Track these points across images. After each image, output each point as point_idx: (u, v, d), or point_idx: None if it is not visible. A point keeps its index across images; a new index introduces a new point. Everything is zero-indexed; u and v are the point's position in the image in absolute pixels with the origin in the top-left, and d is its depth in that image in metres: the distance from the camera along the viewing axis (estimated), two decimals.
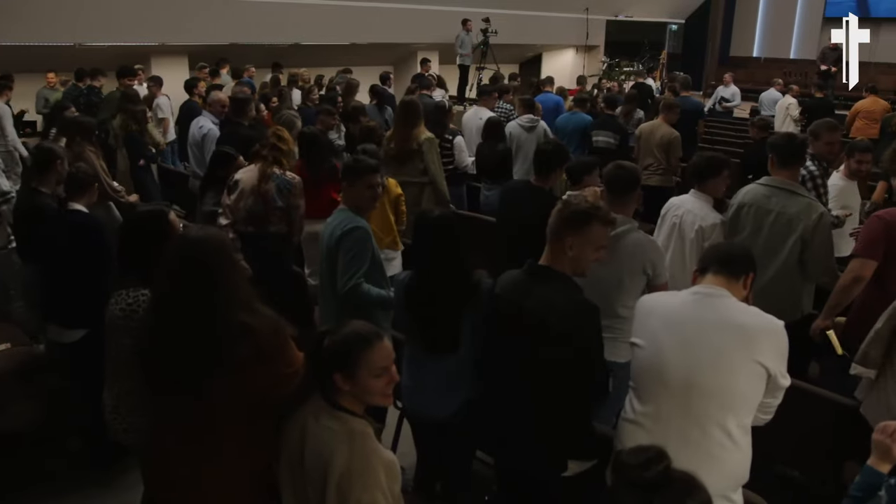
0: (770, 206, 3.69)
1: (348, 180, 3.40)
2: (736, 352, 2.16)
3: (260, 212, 4.28)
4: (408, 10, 13.58)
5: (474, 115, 7.47)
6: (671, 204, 4.05)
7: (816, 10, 19.47)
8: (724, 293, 2.25)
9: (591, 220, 2.44)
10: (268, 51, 12.32)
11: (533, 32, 16.20)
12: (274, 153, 4.34)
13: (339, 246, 3.25)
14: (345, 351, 1.98)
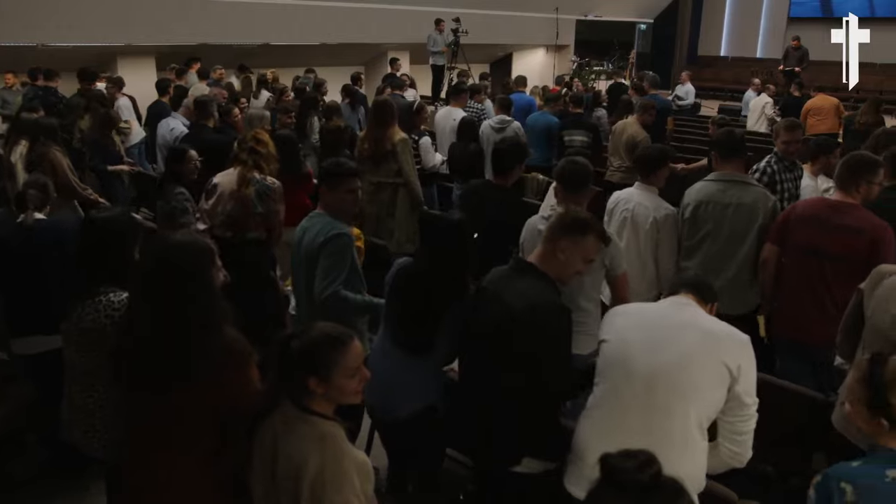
0: (727, 200, 3.80)
1: (329, 184, 3.32)
2: (702, 350, 2.19)
3: (239, 216, 4.21)
4: (378, 10, 13.55)
5: (447, 115, 7.47)
6: (618, 198, 4.15)
7: (781, 10, 19.79)
8: (695, 304, 2.35)
9: (589, 231, 2.52)
10: (237, 51, 12.21)
11: (503, 32, 16.25)
12: (253, 157, 4.25)
13: (321, 252, 3.20)
14: (318, 353, 1.96)
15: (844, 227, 3.34)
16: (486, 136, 6.73)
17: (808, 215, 3.46)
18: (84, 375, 2.52)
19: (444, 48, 13.15)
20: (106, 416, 2.48)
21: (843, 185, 3.43)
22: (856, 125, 8.63)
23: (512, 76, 14.91)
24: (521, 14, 16.31)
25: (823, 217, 3.41)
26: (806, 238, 3.43)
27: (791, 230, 3.51)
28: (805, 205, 3.58)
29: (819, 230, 3.39)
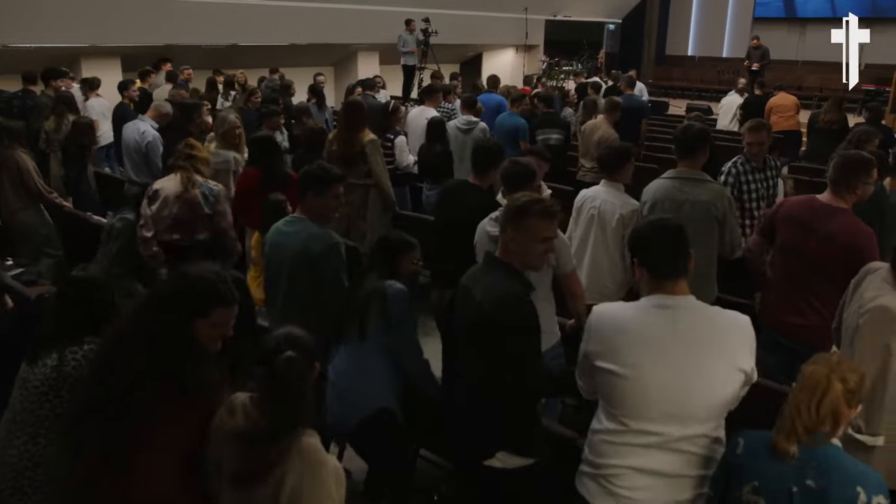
0: (682, 197, 3.85)
1: (315, 189, 3.29)
2: (716, 366, 2.10)
3: (187, 219, 4.21)
4: (348, 11, 13.48)
5: (420, 115, 7.46)
6: (584, 197, 4.21)
7: (746, 10, 20.09)
8: (684, 303, 2.17)
9: (527, 214, 2.48)
10: (205, 52, 12.07)
11: (473, 32, 16.28)
12: (192, 162, 4.30)
13: (323, 261, 3.24)
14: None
15: (827, 233, 3.31)
16: (453, 136, 6.74)
17: (793, 215, 3.48)
18: (32, 424, 2.34)
19: (415, 48, 13.13)
20: (37, 476, 2.32)
21: (836, 187, 3.36)
22: (820, 123, 8.80)
23: (482, 76, 14.96)
24: (490, 14, 16.35)
25: (807, 219, 3.41)
26: (788, 237, 3.48)
27: (777, 227, 3.56)
28: (793, 203, 3.58)
29: (801, 231, 3.41)
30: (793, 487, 1.93)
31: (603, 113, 7.30)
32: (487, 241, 3.35)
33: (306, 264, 3.25)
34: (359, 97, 7.11)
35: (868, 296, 2.67)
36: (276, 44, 12.82)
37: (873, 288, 2.68)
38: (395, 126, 6.68)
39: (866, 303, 2.65)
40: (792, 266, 3.48)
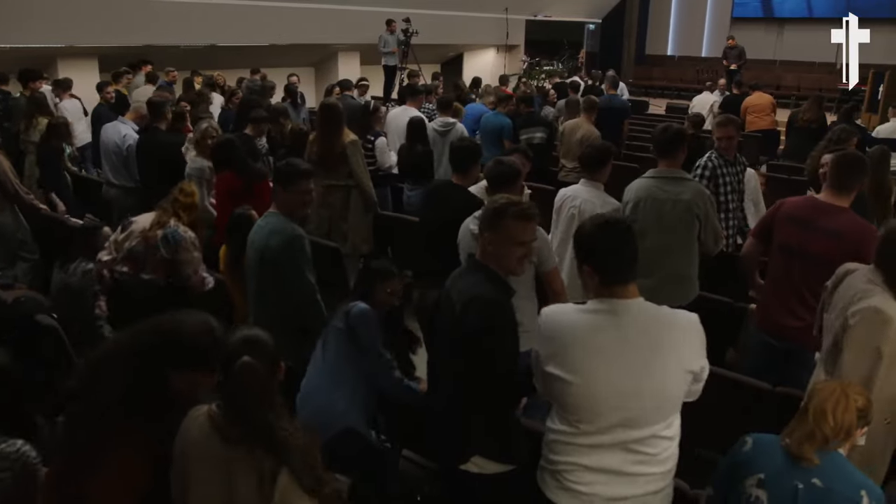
0: (663, 196, 3.88)
1: (282, 184, 3.38)
2: (667, 367, 2.09)
3: (139, 255, 4.11)
4: (328, 11, 13.41)
5: (401, 115, 7.43)
6: (564, 196, 4.26)
7: (725, 10, 20.25)
8: (629, 308, 2.14)
9: (504, 217, 2.44)
10: (184, 53, 11.96)
11: (453, 32, 16.27)
12: (175, 206, 4.23)
13: (282, 255, 3.28)
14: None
15: (832, 230, 3.29)
16: (431, 138, 6.75)
17: (795, 215, 3.46)
18: None
19: (395, 49, 13.11)
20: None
21: (838, 187, 3.34)
22: (799, 122, 8.91)
23: (463, 76, 15.00)
24: (471, 14, 16.35)
25: (810, 218, 3.39)
26: (790, 237, 3.45)
27: (777, 227, 3.53)
28: (793, 204, 3.54)
29: (804, 231, 3.38)
30: (798, 484, 1.99)
31: (582, 113, 7.33)
32: (470, 240, 3.36)
33: (268, 260, 3.30)
34: (337, 98, 7.03)
35: (855, 296, 2.62)
36: (256, 44, 12.72)
37: (858, 288, 2.63)
38: (375, 126, 6.67)
39: (854, 303, 2.60)
40: (792, 266, 3.45)
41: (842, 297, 2.72)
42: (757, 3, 19.80)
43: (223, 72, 11.25)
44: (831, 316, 2.79)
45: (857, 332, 2.55)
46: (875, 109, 11.51)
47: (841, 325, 2.64)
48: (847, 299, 2.66)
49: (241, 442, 1.97)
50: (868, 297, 2.56)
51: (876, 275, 2.61)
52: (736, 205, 4.83)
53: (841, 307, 2.69)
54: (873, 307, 2.52)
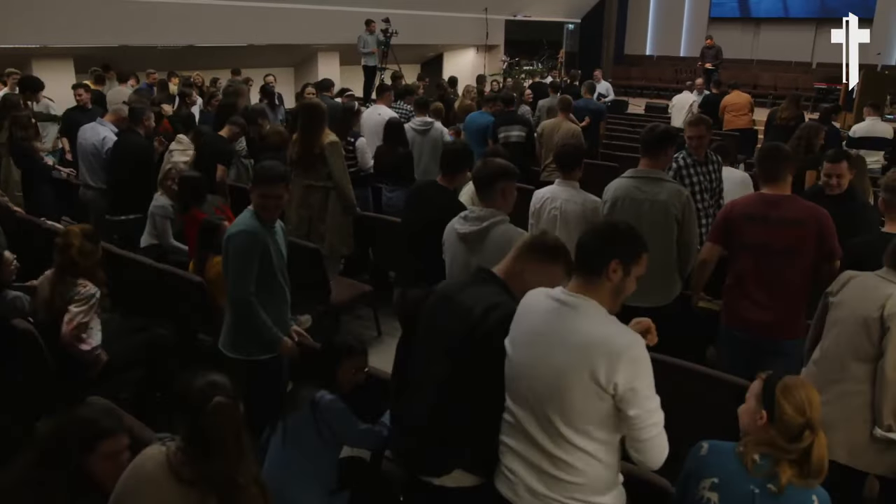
0: (641, 196, 3.89)
1: (253, 186, 3.45)
2: (574, 375, 2.03)
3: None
4: (307, 11, 13.35)
5: (372, 113, 7.40)
6: (542, 197, 4.25)
7: (702, 10, 20.42)
8: (580, 303, 2.11)
9: (560, 261, 2.42)
10: (161, 53, 11.85)
11: (433, 32, 16.27)
12: (61, 258, 3.72)
13: (228, 244, 3.34)
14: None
15: (792, 219, 3.41)
16: (410, 137, 6.75)
17: (750, 212, 3.51)
18: None
19: (375, 49, 13.07)
20: None
21: (775, 179, 3.48)
22: (777, 120, 9.07)
23: (444, 76, 14.96)
24: (450, 14, 16.35)
25: (765, 213, 3.46)
26: (752, 234, 3.48)
27: (735, 228, 3.55)
28: (744, 203, 3.61)
29: (765, 225, 3.45)
30: (755, 489, 2.04)
31: (559, 112, 7.44)
32: (456, 240, 3.33)
33: (225, 249, 3.39)
34: (314, 98, 6.94)
35: (886, 301, 2.74)
36: (234, 44, 12.63)
37: (885, 293, 2.77)
38: (353, 127, 6.65)
39: (887, 307, 2.73)
40: (759, 263, 3.49)
41: (857, 301, 2.85)
42: (734, 3, 19.98)
43: (202, 72, 11.17)
44: (841, 315, 2.91)
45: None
46: (850, 108, 11.64)
47: (877, 329, 2.75)
48: (871, 302, 2.79)
49: (196, 485, 1.98)
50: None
51: (892, 275, 2.76)
52: (708, 203, 4.82)
53: (862, 311, 2.82)
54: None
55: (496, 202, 3.28)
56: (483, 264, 2.96)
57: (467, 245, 3.26)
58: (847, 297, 2.95)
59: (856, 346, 2.88)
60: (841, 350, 2.94)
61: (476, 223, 3.23)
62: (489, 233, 3.20)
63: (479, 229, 3.20)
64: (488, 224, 3.20)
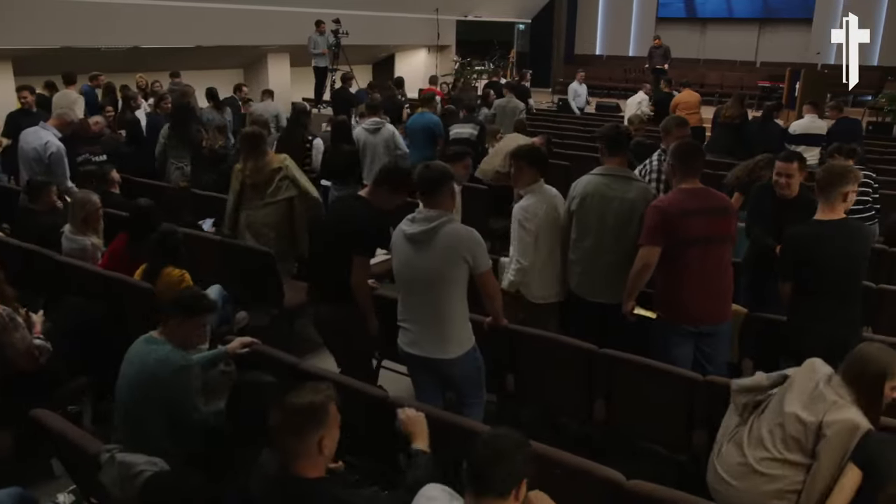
0: (611, 194, 3.92)
1: (182, 315, 3.11)
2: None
3: None
4: (255, 12, 13.14)
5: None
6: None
7: (650, 10, 20.75)
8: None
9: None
10: (105, 55, 11.54)
11: (384, 33, 16.21)
12: None
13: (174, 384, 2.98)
14: None
15: (717, 208, 3.63)
16: (362, 139, 6.72)
17: (686, 208, 3.57)
18: None
19: (325, 50, 12.96)
20: None
21: (693, 174, 3.69)
22: (721, 118, 9.41)
23: (395, 76, 14.90)
24: (401, 15, 16.31)
25: (697, 206, 3.58)
26: (694, 230, 3.54)
27: (675, 227, 3.57)
28: (675, 200, 3.64)
29: (702, 218, 3.56)
30: None
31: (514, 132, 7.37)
32: (403, 242, 3.34)
33: (160, 387, 2.98)
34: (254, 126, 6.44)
35: (828, 405, 2.56)
36: (181, 46, 12.37)
37: (829, 399, 2.58)
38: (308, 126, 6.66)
39: (829, 411, 2.54)
40: (705, 254, 3.57)
41: (804, 395, 2.63)
42: (680, 3, 20.36)
43: (145, 74, 10.93)
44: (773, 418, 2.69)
45: (835, 443, 2.50)
46: (793, 106, 11.97)
47: (814, 432, 2.55)
48: (815, 400, 2.60)
49: None
50: (843, 409, 2.54)
51: (842, 388, 2.60)
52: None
53: (804, 406, 2.60)
54: (851, 421, 2.51)
55: (443, 204, 3.33)
56: (433, 264, 3.24)
57: (415, 245, 3.29)
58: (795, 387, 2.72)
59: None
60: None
61: (424, 224, 3.28)
62: (438, 232, 3.25)
63: (427, 229, 3.26)
64: (437, 224, 3.26)
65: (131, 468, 2.49)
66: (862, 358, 2.63)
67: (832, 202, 3.55)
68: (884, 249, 5.24)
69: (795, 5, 18.70)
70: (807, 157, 8.57)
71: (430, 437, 2.55)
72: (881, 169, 8.68)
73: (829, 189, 3.55)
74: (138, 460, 2.52)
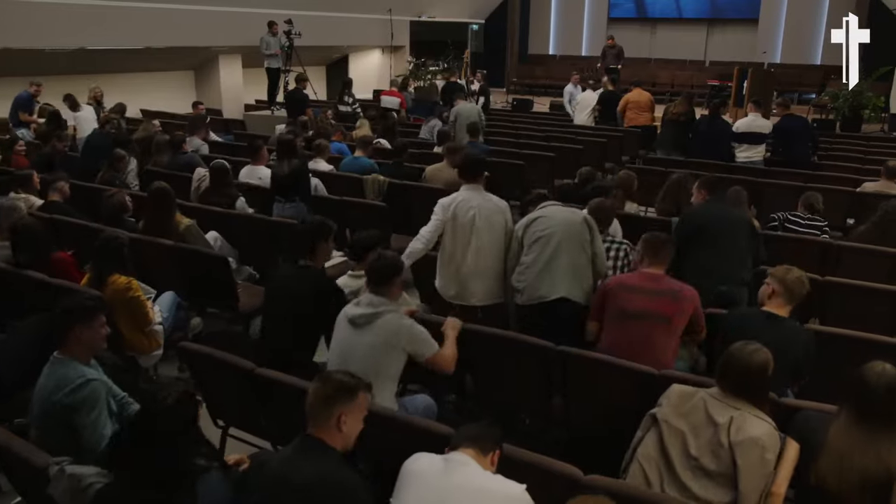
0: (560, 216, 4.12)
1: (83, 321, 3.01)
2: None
3: None
4: (205, 12, 12.91)
5: (249, 174, 6.76)
6: (454, 200, 4.36)
7: (601, 10, 21.02)
8: (470, 462, 2.35)
9: (358, 390, 2.44)
10: (48, 57, 11.20)
11: (337, 34, 16.10)
12: None
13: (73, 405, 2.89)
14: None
15: (663, 291, 3.61)
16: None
17: (629, 284, 3.68)
18: None
19: (278, 51, 12.81)
20: None
21: (657, 259, 3.70)
22: (669, 115, 9.61)
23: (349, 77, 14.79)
24: (354, 15, 16.23)
25: (641, 285, 3.64)
26: (631, 304, 3.60)
27: (611, 299, 3.68)
28: (622, 277, 3.85)
29: (643, 297, 3.59)
30: None
31: (446, 157, 7.03)
32: (345, 323, 3.35)
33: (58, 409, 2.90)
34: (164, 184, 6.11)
35: (728, 423, 2.61)
36: (129, 47, 12.09)
37: (726, 417, 2.63)
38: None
39: (733, 432, 2.58)
40: (636, 329, 3.55)
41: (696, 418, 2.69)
42: (630, 4, 20.66)
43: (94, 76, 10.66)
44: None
45: (750, 462, 2.55)
46: (741, 104, 12.24)
47: (725, 453, 2.59)
48: (709, 422, 2.65)
49: None
50: (745, 427, 2.59)
51: (735, 400, 2.65)
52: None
53: (701, 427, 2.66)
54: (755, 439, 2.56)
55: (390, 294, 3.36)
56: (370, 352, 3.19)
57: (355, 328, 3.29)
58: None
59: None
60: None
61: (367, 308, 3.30)
62: (378, 319, 3.27)
63: (369, 313, 3.27)
64: (379, 311, 3.28)
65: (81, 480, 2.43)
66: (757, 368, 2.67)
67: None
68: (829, 242, 5.37)
69: (742, 6, 19.14)
70: (749, 154, 8.90)
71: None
72: (826, 164, 8.95)
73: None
74: (88, 472, 2.46)
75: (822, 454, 2.53)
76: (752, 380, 2.67)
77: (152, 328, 4.24)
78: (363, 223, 6.09)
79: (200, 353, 3.44)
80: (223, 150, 8.85)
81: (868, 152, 10.12)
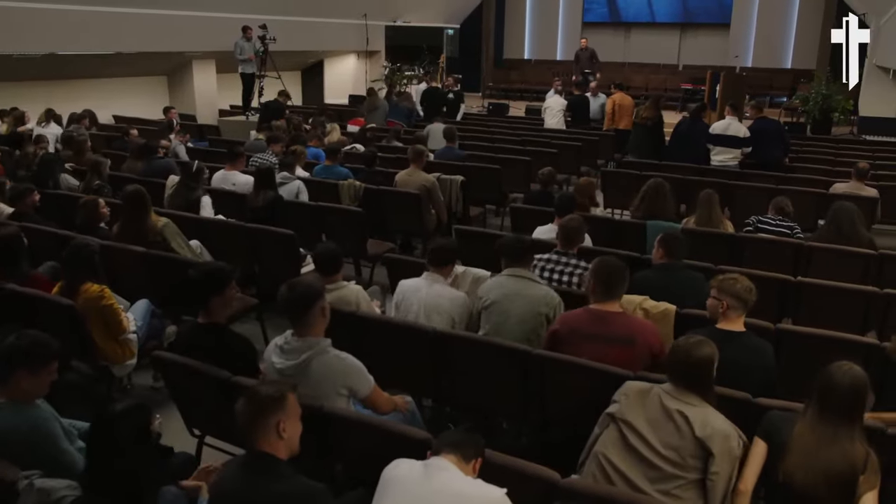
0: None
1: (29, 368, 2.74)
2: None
3: None
4: (178, 17, 12.78)
5: (223, 180, 6.83)
6: (404, 288, 4.07)
7: (575, 14, 21.14)
8: (449, 466, 2.32)
9: (288, 392, 2.45)
10: (17, 62, 11.02)
11: (312, 39, 16.03)
12: None
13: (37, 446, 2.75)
14: None
15: (618, 337, 3.41)
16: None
17: (581, 331, 3.47)
18: None
19: (252, 56, 12.74)
20: None
21: (608, 297, 3.48)
22: (638, 119, 9.77)
23: (325, 82, 14.79)
24: (329, 20, 16.17)
25: (594, 332, 3.44)
26: (586, 355, 3.37)
27: (566, 348, 3.49)
28: (570, 318, 3.57)
29: (598, 345, 3.40)
30: None
31: (412, 163, 7.07)
32: (274, 374, 3.11)
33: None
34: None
35: (689, 421, 2.64)
36: (100, 52, 11.93)
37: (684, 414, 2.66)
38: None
39: (689, 425, 2.62)
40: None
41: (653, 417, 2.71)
42: (604, 8, 20.81)
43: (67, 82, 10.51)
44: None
45: (722, 450, 2.60)
46: (714, 107, 12.38)
47: (689, 446, 2.63)
48: (667, 416, 2.68)
49: None
50: (710, 421, 2.64)
51: (688, 395, 2.69)
52: None
53: (660, 421, 2.68)
54: (721, 430, 2.62)
55: (314, 328, 3.07)
56: (308, 397, 2.81)
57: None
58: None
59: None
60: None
61: (294, 356, 3.05)
62: (310, 366, 3.02)
63: (298, 363, 3.03)
64: (307, 357, 3.03)
65: (51, 494, 2.39)
66: (702, 362, 2.71)
67: None
68: (801, 243, 5.43)
69: (714, 10, 19.37)
70: (723, 158, 9.01)
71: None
72: (797, 167, 9.08)
73: None
74: (59, 485, 2.42)
75: (789, 451, 2.59)
76: (699, 372, 2.71)
77: (126, 337, 4.18)
78: (340, 228, 6.10)
79: (175, 361, 3.38)
80: (199, 156, 8.78)
81: (838, 154, 10.30)
